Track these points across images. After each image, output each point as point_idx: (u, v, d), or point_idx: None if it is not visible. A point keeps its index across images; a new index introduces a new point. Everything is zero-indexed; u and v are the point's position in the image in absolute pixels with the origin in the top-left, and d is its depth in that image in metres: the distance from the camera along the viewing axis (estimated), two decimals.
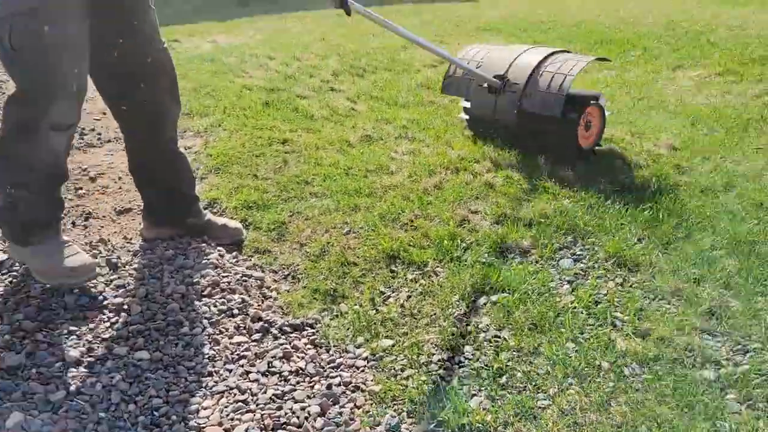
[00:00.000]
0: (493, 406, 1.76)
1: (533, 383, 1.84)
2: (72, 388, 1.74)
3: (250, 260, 2.48)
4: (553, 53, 3.34)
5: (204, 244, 2.51)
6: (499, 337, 2.03)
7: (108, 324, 2.01)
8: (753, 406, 1.77)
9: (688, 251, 2.45)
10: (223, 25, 7.99)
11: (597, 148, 3.43)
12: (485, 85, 3.35)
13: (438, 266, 2.42)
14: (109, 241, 2.51)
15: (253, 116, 4.00)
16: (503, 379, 1.86)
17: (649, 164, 3.23)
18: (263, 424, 1.69)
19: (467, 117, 3.67)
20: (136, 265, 2.34)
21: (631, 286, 2.29)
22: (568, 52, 3.45)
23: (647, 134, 3.63)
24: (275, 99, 4.36)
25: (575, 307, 2.16)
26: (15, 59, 1.90)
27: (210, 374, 1.86)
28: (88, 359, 1.85)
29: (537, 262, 2.44)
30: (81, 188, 2.97)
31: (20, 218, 2.10)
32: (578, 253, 2.50)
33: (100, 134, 3.73)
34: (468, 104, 3.59)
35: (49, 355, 1.84)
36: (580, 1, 9.44)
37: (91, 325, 1.99)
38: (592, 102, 3.29)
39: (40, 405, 1.66)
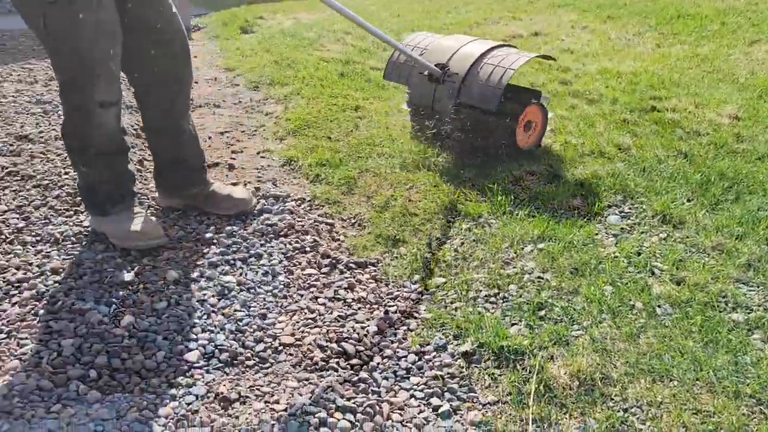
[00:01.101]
0: (530, 333, 1.97)
1: (569, 317, 2.04)
2: (172, 300, 2.07)
3: (322, 209, 2.76)
4: (497, 46, 3.14)
5: (281, 193, 2.81)
6: (542, 278, 2.24)
7: (200, 254, 2.34)
8: None
9: (735, 211, 2.56)
10: (305, 4, 8.32)
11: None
12: (426, 73, 3.13)
13: (491, 218, 2.63)
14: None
15: (328, 86, 4.29)
16: (542, 312, 2.07)
17: (709, 132, 3.30)
18: (328, 337, 1.97)
19: (408, 107, 3.48)
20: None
21: (674, 240, 2.43)
22: (513, 47, 3.23)
23: (711, 105, 3.68)
24: (350, 70, 4.64)
25: (617, 257, 2.33)
26: (57, 49, 2.05)
27: (285, 297, 2.16)
28: (185, 280, 2.18)
29: (585, 217, 2.61)
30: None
31: (96, 195, 2.30)
32: (626, 210, 2.65)
33: (192, 100, 4.11)
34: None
35: (153, 275, 2.18)
36: None
37: (187, 254, 2.33)
38: (533, 101, 3.13)
39: (146, 311, 2.00)
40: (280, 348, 1.91)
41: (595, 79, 4.29)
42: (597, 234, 2.49)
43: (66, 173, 2.84)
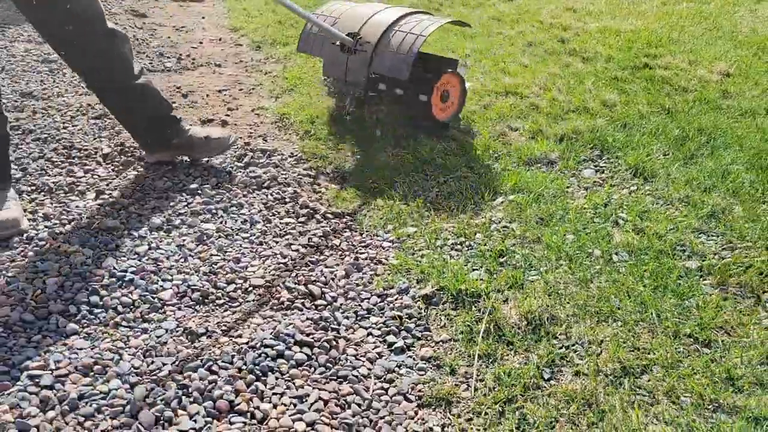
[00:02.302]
0: (488, 278, 2.06)
1: (528, 263, 2.12)
2: (153, 245, 2.20)
3: (307, 163, 2.86)
4: (410, 13, 3.03)
5: (269, 148, 2.92)
6: (508, 228, 2.32)
7: (185, 203, 2.46)
8: (724, 290, 1.98)
9: (708, 165, 2.60)
10: None
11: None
12: (338, 43, 3.01)
13: (468, 172, 2.70)
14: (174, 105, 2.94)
15: None
16: (503, 259, 2.16)
17: (697, 89, 3.31)
18: (297, 280, 2.08)
19: (324, 83, 3.44)
20: (212, 162, 2.79)
21: (642, 193, 2.49)
22: (427, 13, 3.10)
23: (704, 62, 3.67)
24: None
25: (584, 208, 2.40)
26: None
27: (260, 243, 2.27)
28: (167, 226, 2.31)
29: (560, 171, 2.67)
30: (174, 102, 3.45)
31: None
32: (601, 165, 2.70)
33: (194, 60, 4.21)
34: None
35: (138, 222, 2.32)
36: None
37: (172, 203, 2.46)
38: (449, 69, 3.03)
39: (128, 255, 2.14)
40: (250, 289, 2.03)
41: (593, 38, 4.29)
42: (569, 187, 2.55)
43: (64, 128, 2.97)
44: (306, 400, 1.62)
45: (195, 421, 1.53)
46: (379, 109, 3.16)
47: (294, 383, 1.67)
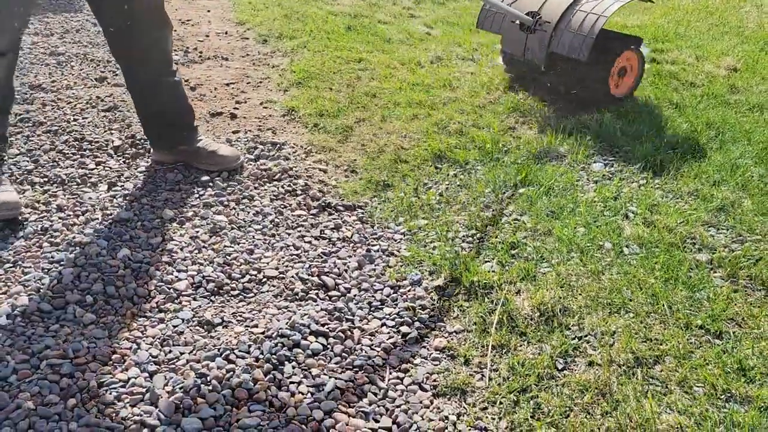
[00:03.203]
0: (500, 270, 2.08)
1: (540, 255, 2.14)
2: (166, 236, 2.22)
3: (317, 156, 2.87)
4: None
5: (279, 141, 2.93)
6: (519, 220, 2.33)
7: (197, 195, 2.48)
8: (735, 282, 2.00)
9: (717, 159, 2.61)
10: None
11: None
12: (517, 22, 3.11)
13: (478, 165, 2.72)
14: (195, 113, 2.94)
15: (335, 39, 4.36)
16: (515, 251, 2.17)
17: (705, 84, 3.33)
18: (310, 271, 2.10)
19: (502, 58, 3.53)
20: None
21: (652, 186, 2.50)
22: None
23: (711, 57, 3.68)
24: (357, 24, 4.69)
25: (594, 201, 2.41)
26: None
27: (273, 235, 2.29)
28: (180, 218, 2.32)
29: (569, 164, 2.69)
30: None
31: None
32: (610, 159, 2.71)
33: (201, 53, 4.22)
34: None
35: (151, 214, 2.33)
36: None
37: (184, 195, 2.47)
38: (631, 47, 3.09)
39: (142, 246, 2.15)
40: (264, 280, 2.05)
41: None
42: (578, 180, 2.57)
43: (75, 120, 2.98)
44: (323, 389, 1.64)
45: (215, 408, 1.54)
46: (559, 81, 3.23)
47: (311, 372, 1.69)
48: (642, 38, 3.17)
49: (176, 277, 2.02)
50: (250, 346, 1.75)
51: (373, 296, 2.02)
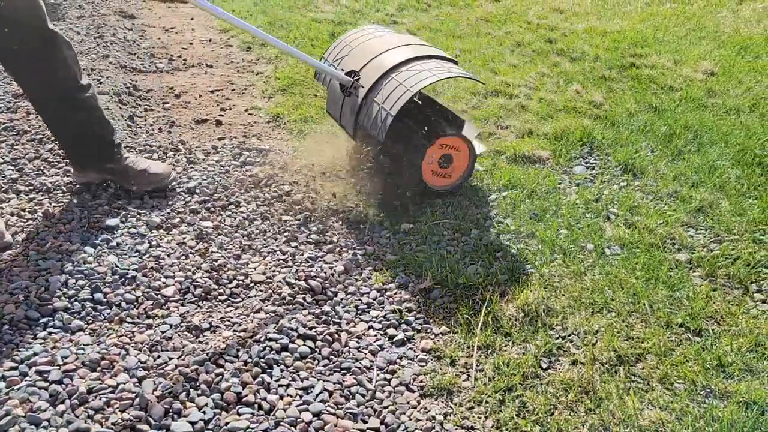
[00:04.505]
0: (485, 272, 2.11)
1: (523, 257, 2.17)
2: (153, 242, 2.22)
3: (304, 161, 2.89)
4: (420, 57, 2.46)
5: (265, 147, 2.95)
6: (502, 223, 2.37)
7: (183, 202, 2.49)
8: (713, 281, 2.04)
9: (695, 161, 2.67)
10: None
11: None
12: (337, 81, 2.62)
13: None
14: (187, 143, 2.99)
15: (319, 45, 4.38)
16: (499, 254, 2.21)
17: (682, 88, 3.39)
18: (297, 276, 2.12)
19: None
20: (209, 161, 2.81)
21: (632, 188, 2.55)
22: (451, 61, 2.52)
23: (689, 62, 3.75)
24: (341, 31, 4.72)
25: (576, 204, 2.45)
26: None
27: (260, 241, 2.30)
28: (166, 224, 2.33)
29: (552, 168, 2.73)
30: (167, 102, 3.47)
31: None
32: (592, 162, 2.76)
33: (185, 60, 4.23)
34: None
35: (137, 220, 2.34)
36: None
37: (170, 201, 2.48)
38: (449, 133, 2.47)
39: (129, 252, 2.16)
40: (252, 285, 2.07)
41: (580, 38, 4.36)
42: (560, 183, 2.61)
43: None
44: (311, 392, 1.65)
45: (204, 412, 1.56)
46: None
47: (299, 375, 1.70)
48: (465, 120, 2.60)
49: (164, 283, 2.03)
50: (238, 350, 1.77)
51: (359, 299, 2.04)
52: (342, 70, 2.60)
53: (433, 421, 1.60)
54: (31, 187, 2.50)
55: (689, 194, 2.45)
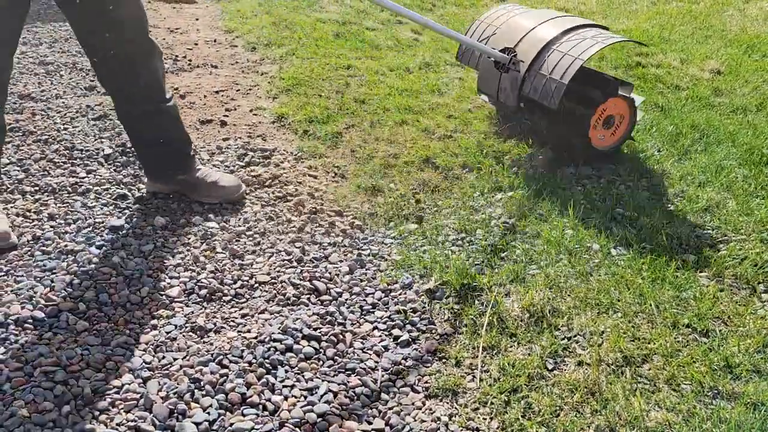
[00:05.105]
0: (490, 272, 2.10)
1: (529, 257, 2.17)
2: (158, 243, 2.23)
3: (307, 162, 2.89)
4: (577, 27, 2.65)
5: (269, 148, 2.94)
6: (508, 223, 2.36)
7: (188, 202, 2.49)
8: (720, 282, 2.03)
9: (702, 161, 2.65)
10: None
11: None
12: (492, 59, 2.76)
13: (465, 170, 2.74)
14: (192, 143, 2.99)
15: (323, 46, 4.38)
16: (504, 254, 2.20)
17: (689, 87, 3.37)
18: (302, 276, 2.11)
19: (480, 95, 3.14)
20: (214, 162, 2.82)
21: (639, 188, 2.53)
22: (603, 27, 2.73)
23: (695, 60, 3.73)
24: (346, 31, 4.71)
25: (582, 203, 2.44)
26: None
27: (264, 241, 2.30)
28: (171, 225, 2.33)
29: (556, 168, 2.71)
30: None
31: None
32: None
33: (190, 61, 4.23)
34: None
35: (142, 221, 2.34)
36: None
37: (175, 202, 2.48)
38: (614, 93, 2.63)
39: (134, 253, 2.16)
40: (256, 285, 2.06)
41: None
42: (566, 183, 2.60)
43: (65, 129, 2.99)
44: (316, 392, 1.65)
45: (208, 413, 1.56)
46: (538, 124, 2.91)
47: (303, 376, 1.70)
48: (629, 82, 2.79)
49: (168, 283, 2.03)
50: (243, 350, 1.76)
51: (364, 300, 2.04)
52: (493, 48, 2.75)
53: (438, 422, 1.60)
54: (37, 188, 2.50)
55: (696, 194, 2.44)
